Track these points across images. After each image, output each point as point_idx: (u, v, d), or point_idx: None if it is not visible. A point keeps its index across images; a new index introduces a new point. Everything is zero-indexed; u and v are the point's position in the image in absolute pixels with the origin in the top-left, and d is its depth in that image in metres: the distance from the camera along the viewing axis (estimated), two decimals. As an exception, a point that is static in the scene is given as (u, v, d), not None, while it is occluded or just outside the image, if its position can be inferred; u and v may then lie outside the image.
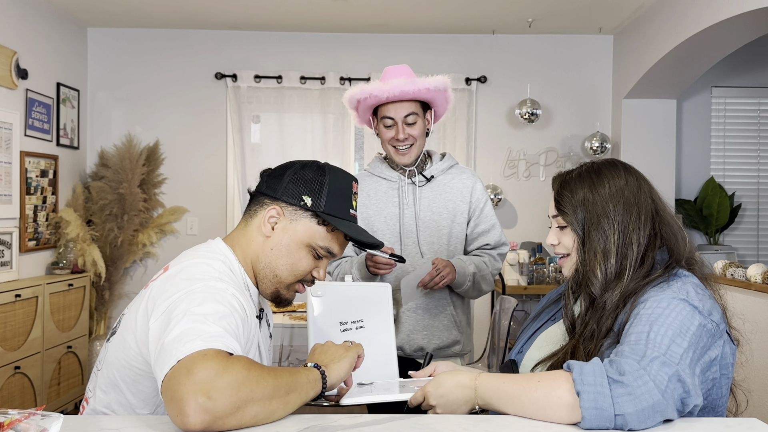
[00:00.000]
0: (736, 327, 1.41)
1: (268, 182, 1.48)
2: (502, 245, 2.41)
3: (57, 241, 4.50)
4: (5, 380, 3.57)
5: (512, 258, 4.80)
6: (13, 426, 0.97)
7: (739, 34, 3.76)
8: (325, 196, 1.43)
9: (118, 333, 1.37)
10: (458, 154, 5.02)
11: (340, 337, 1.57)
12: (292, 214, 1.43)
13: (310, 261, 1.45)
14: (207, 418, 1.08)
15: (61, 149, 4.62)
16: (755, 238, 5.25)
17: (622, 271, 1.38)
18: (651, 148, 4.84)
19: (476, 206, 2.38)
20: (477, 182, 2.40)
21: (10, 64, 3.99)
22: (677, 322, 1.25)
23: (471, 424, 1.21)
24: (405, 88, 2.20)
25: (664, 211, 1.45)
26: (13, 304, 3.67)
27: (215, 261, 1.38)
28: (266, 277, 1.45)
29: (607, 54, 5.10)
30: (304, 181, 1.44)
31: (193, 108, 5.00)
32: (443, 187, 2.36)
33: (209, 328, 1.18)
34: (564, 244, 1.47)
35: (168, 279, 1.33)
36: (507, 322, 3.77)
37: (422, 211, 2.33)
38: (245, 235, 1.46)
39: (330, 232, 1.44)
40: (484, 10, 4.51)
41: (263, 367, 1.19)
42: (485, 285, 2.34)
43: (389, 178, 2.37)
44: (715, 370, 1.31)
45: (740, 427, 1.22)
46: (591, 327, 1.36)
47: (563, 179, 1.49)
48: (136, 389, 1.34)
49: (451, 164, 2.41)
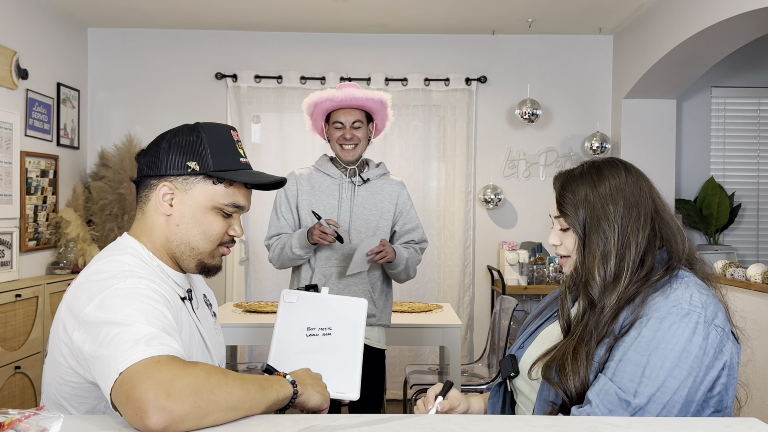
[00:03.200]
0: (737, 325, 1.40)
1: (146, 163, 1.41)
2: (423, 242, 2.92)
3: (57, 241, 4.50)
4: (5, 380, 3.57)
5: (512, 258, 4.80)
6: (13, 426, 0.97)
7: (739, 34, 3.76)
8: (209, 155, 1.37)
9: (49, 353, 1.34)
10: (458, 154, 5.02)
11: (304, 343, 1.56)
12: (183, 184, 1.38)
13: (220, 222, 1.41)
14: (167, 417, 1.07)
15: (61, 149, 4.62)
16: (755, 238, 5.25)
17: (620, 273, 1.37)
18: (651, 148, 4.84)
19: (402, 208, 2.88)
20: (403, 189, 2.90)
21: (10, 64, 3.99)
22: (678, 348, 1.26)
23: (471, 424, 1.21)
24: (355, 94, 2.74)
25: (664, 211, 1.45)
26: (14, 304, 3.68)
27: (123, 255, 1.35)
28: (184, 253, 1.41)
29: (607, 54, 5.10)
30: (181, 147, 1.38)
31: (194, 108, 5.00)
32: (375, 189, 2.85)
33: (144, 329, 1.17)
34: (566, 246, 1.47)
35: (78, 286, 1.29)
36: (507, 322, 3.77)
37: (356, 206, 2.81)
38: (145, 222, 1.41)
39: (228, 186, 1.40)
40: (484, 10, 4.51)
41: (229, 374, 1.18)
42: (411, 272, 2.85)
43: (333, 175, 2.84)
44: (723, 376, 1.31)
45: (740, 427, 1.22)
46: (589, 329, 1.36)
47: (565, 178, 1.49)
48: (77, 403, 1.31)
49: (384, 172, 2.91)
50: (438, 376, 4.06)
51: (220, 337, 1.57)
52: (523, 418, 1.27)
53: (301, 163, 4.96)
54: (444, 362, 4.07)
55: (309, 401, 1.34)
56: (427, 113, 5.09)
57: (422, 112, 5.07)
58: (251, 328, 3.43)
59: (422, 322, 3.49)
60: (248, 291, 5.04)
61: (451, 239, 5.03)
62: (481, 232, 5.12)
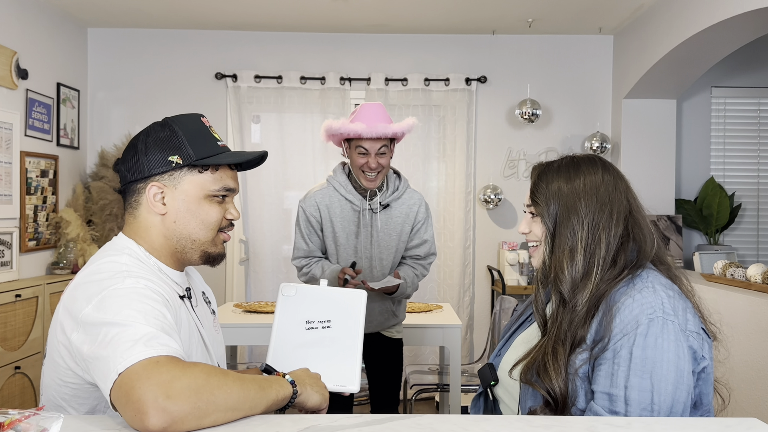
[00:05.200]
0: (709, 320, 1.41)
1: (127, 169, 1.40)
2: (430, 255, 2.91)
3: (57, 241, 4.50)
4: (5, 380, 3.57)
5: (512, 258, 4.80)
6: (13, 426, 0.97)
7: (739, 34, 3.76)
8: (187, 145, 1.37)
9: (48, 355, 1.34)
10: (458, 154, 5.02)
11: (304, 336, 1.55)
12: (170, 180, 1.38)
13: (216, 209, 1.41)
14: (167, 418, 1.07)
15: (61, 149, 4.62)
16: (755, 238, 5.25)
17: (590, 271, 1.37)
18: (651, 148, 4.84)
19: (417, 226, 2.85)
20: (421, 205, 2.86)
21: (10, 64, 3.99)
22: (672, 367, 1.28)
23: (471, 424, 1.21)
24: (386, 131, 2.63)
25: (638, 213, 1.45)
26: (14, 304, 3.68)
27: (120, 255, 1.35)
28: (186, 247, 1.41)
29: (607, 54, 5.10)
30: (159, 144, 1.38)
31: (194, 108, 4.99)
32: (394, 212, 2.81)
33: (143, 329, 1.17)
34: (534, 233, 1.48)
35: (76, 287, 1.29)
36: (507, 322, 3.77)
37: (375, 232, 2.78)
38: (140, 225, 1.40)
39: (215, 172, 1.40)
40: (484, 10, 4.51)
41: (229, 374, 1.18)
42: (411, 291, 2.86)
43: (353, 201, 2.76)
44: (703, 376, 1.34)
45: (740, 427, 1.22)
46: (564, 328, 1.36)
47: (542, 169, 1.49)
48: (77, 404, 1.31)
49: (404, 190, 2.85)
50: (438, 376, 4.06)
51: (219, 335, 1.56)
52: (523, 418, 1.27)
53: (301, 162, 4.98)
54: (444, 362, 4.07)
55: (308, 401, 1.34)
56: (427, 113, 5.09)
57: (422, 112, 5.07)
58: (251, 328, 3.44)
59: (422, 322, 3.49)
60: (248, 291, 5.04)
61: (451, 239, 5.03)
62: (481, 232, 5.12)
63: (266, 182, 4.95)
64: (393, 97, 5.02)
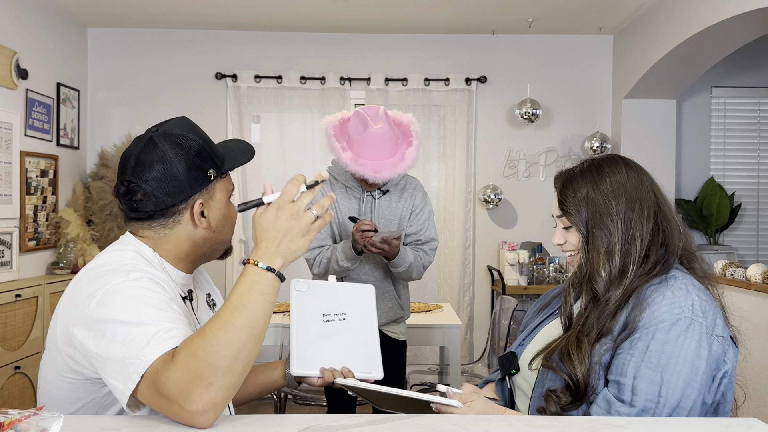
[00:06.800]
0: (735, 325, 1.41)
1: (166, 193, 1.33)
2: (431, 240, 2.87)
3: (57, 241, 4.50)
4: (5, 380, 3.57)
5: (512, 258, 4.80)
6: (13, 426, 0.97)
7: (739, 34, 3.76)
8: (215, 155, 1.38)
9: (47, 348, 1.34)
10: (458, 154, 5.02)
11: (323, 327, 1.57)
12: (207, 193, 1.38)
13: (233, 206, 1.45)
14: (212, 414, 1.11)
15: (61, 149, 4.62)
16: (755, 238, 5.25)
17: (626, 268, 1.38)
18: (651, 148, 4.84)
19: (415, 210, 2.87)
20: (419, 191, 2.90)
21: (10, 64, 3.99)
22: (687, 364, 1.27)
23: (471, 424, 1.21)
24: (392, 175, 2.70)
25: (665, 205, 1.46)
26: (14, 304, 3.68)
27: (126, 251, 1.34)
28: (216, 249, 1.43)
29: (607, 54, 5.10)
30: (191, 160, 1.34)
31: (193, 108, 5.00)
32: (393, 197, 2.84)
33: (151, 325, 1.17)
34: (571, 242, 1.48)
35: (79, 281, 1.29)
36: (507, 322, 3.78)
37: (376, 218, 2.80)
38: (170, 240, 1.37)
39: (226, 174, 1.43)
40: (484, 10, 4.51)
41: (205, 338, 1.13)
42: (415, 274, 2.79)
43: (353, 187, 2.80)
44: (723, 384, 1.33)
45: (740, 427, 1.22)
46: (590, 322, 1.37)
47: (566, 178, 1.49)
48: (73, 398, 1.30)
49: (401, 178, 2.86)
50: (438, 376, 4.06)
51: None
52: (523, 418, 1.27)
53: (301, 162, 4.98)
54: (444, 362, 4.07)
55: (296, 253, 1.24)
56: (427, 113, 5.09)
57: (422, 112, 5.07)
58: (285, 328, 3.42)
59: (422, 322, 3.49)
60: (248, 291, 5.03)
61: (451, 239, 5.03)
62: (481, 232, 5.12)
63: (266, 182, 4.94)
64: (393, 97, 5.02)
